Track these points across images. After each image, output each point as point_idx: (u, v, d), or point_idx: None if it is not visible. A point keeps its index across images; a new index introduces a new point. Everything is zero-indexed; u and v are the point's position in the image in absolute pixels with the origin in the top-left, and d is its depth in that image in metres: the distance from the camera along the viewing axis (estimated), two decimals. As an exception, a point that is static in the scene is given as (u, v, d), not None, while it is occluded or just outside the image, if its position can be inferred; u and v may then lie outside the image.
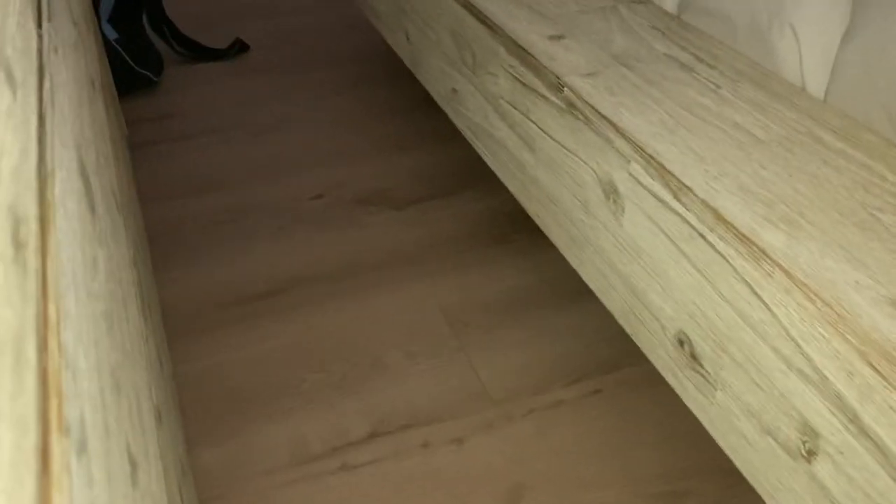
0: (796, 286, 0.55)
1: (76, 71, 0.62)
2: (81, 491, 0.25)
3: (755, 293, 0.59)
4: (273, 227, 1.30)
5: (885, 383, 0.49)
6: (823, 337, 0.53)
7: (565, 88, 0.82)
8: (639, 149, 0.71)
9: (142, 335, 0.61)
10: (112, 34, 1.62)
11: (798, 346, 0.56)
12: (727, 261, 0.62)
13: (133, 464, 0.38)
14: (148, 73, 1.69)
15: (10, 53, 0.36)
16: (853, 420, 0.52)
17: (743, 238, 0.60)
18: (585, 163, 0.81)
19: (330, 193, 1.39)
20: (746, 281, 0.60)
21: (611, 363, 1.04)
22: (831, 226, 0.61)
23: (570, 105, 0.81)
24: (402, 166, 1.46)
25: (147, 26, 1.76)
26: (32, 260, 0.27)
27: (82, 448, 0.27)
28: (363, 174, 1.44)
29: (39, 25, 0.49)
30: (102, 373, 0.35)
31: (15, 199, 0.28)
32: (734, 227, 0.61)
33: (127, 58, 1.64)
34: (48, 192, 0.34)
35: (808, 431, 0.57)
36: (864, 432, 0.52)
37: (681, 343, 0.70)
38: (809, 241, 0.59)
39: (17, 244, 0.26)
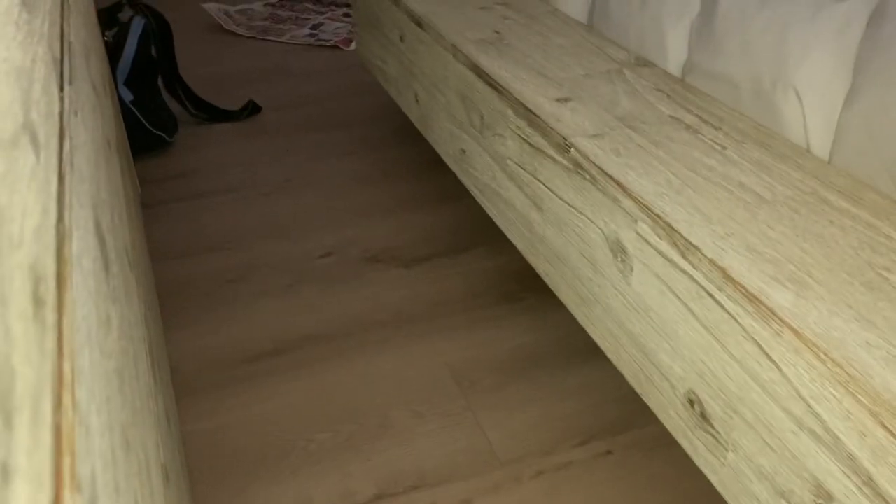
0: (806, 346, 0.55)
1: (94, 132, 0.63)
2: (91, 550, 0.25)
3: (764, 352, 0.59)
4: (282, 286, 1.31)
5: (899, 444, 0.49)
6: (834, 397, 0.53)
7: (572, 149, 0.83)
8: (646, 208, 0.72)
9: (151, 393, 0.61)
10: (128, 96, 1.66)
11: (809, 406, 0.56)
12: (736, 320, 0.62)
13: (141, 523, 0.38)
14: (162, 134, 1.73)
15: (35, 117, 0.37)
16: (867, 482, 0.52)
17: (751, 297, 0.60)
18: (593, 222, 0.81)
19: (339, 252, 1.40)
20: (755, 340, 0.60)
21: (621, 424, 1.03)
22: (839, 285, 0.61)
23: (577, 165, 0.82)
24: (410, 225, 1.47)
25: (162, 88, 1.80)
26: (50, 317, 0.28)
27: (93, 506, 0.27)
28: (372, 233, 1.45)
29: (61, 89, 0.50)
30: (114, 431, 0.35)
31: (35, 259, 0.29)
32: (742, 287, 0.61)
33: (142, 119, 1.68)
34: (65, 251, 0.35)
35: (822, 493, 0.56)
36: (878, 494, 0.51)
37: (691, 403, 0.70)
38: (818, 301, 0.59)
39: (37, 302, 0.27)
